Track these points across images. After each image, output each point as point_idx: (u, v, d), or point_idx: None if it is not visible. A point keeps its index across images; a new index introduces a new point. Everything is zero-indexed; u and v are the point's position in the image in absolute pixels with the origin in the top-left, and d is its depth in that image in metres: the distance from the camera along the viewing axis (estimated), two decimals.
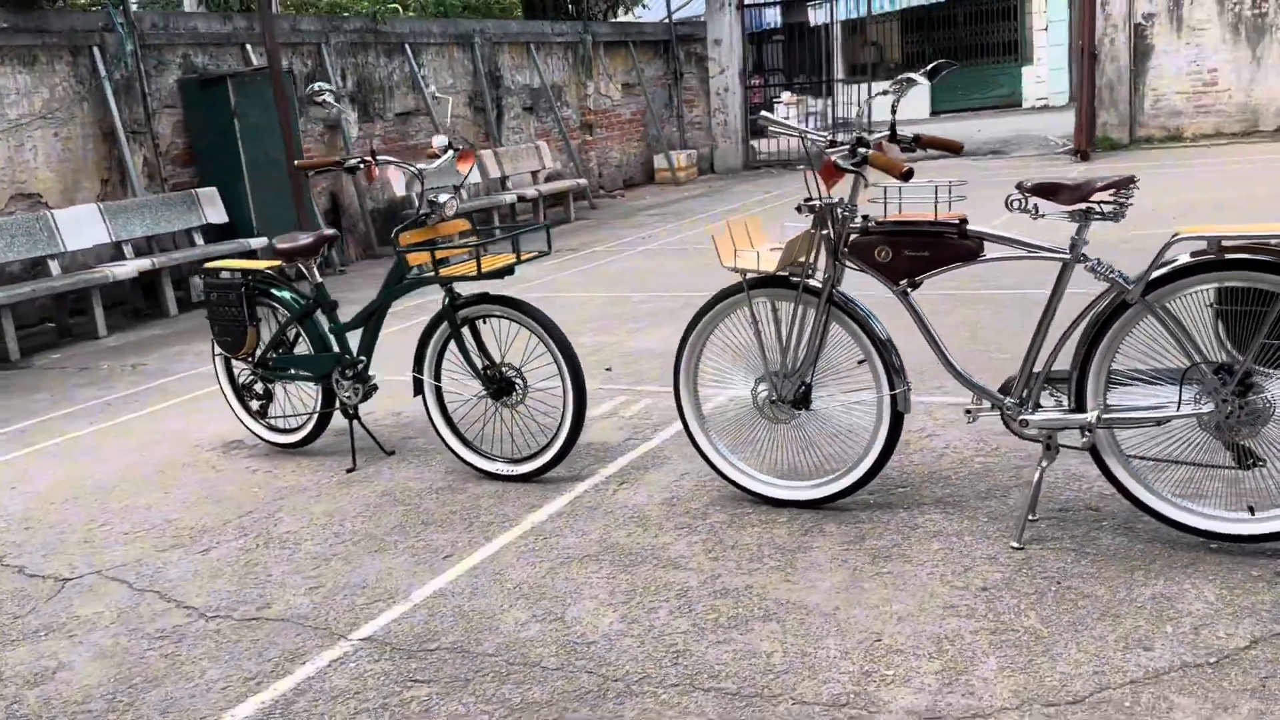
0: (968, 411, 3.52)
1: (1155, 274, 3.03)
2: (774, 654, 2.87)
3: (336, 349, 4.73)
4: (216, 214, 10.17)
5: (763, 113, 3.56)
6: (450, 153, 4.36)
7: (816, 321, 3.57)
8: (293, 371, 4.88)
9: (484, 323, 4.37)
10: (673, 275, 8.95)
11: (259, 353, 4.90)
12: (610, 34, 17.30)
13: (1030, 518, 3.46)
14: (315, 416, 4.87)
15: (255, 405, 5.03)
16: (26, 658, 3.28)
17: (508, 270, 4.17)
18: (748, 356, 3.85)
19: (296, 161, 4.62)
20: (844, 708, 2.61)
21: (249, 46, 10.95)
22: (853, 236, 3.49)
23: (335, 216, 12.03)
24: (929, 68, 3.27)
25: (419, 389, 4.46)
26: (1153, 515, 3.23)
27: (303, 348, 4.94)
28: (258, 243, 10.13)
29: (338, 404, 4.80)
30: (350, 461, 4.74)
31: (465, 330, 4.34)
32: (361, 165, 4.23)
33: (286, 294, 4.83)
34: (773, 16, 24.69)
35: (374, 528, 4.04)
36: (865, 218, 3.48)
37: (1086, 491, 3.69)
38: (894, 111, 3.29)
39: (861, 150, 3.20)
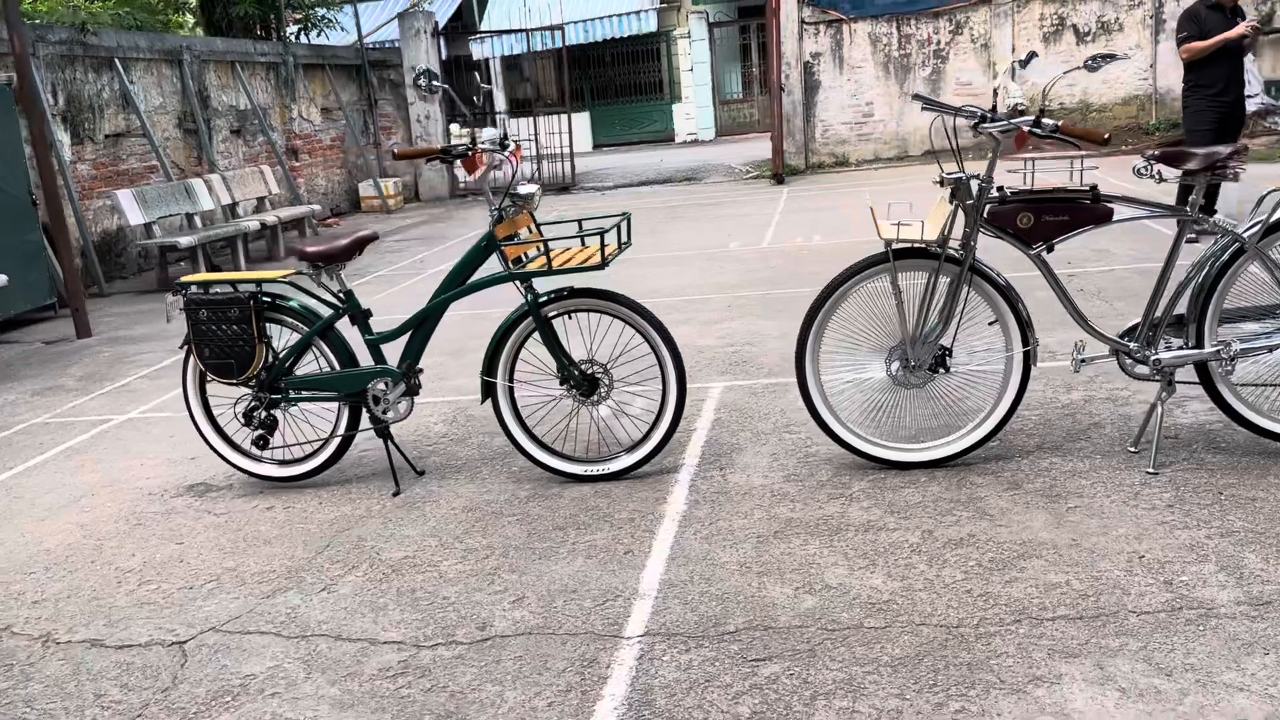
0: (1081, 360, 3.94)
1: (1272, 221, 3.62)
2: (1069, 582, 3.08)
3: (371, 362, 4.28)
4: None
5: (916, 92, 3.77)
6: (509, 146, 4.13)
7: (958, 287, 3.83)
8: (312, 392, 4.32)
9: (569, 318, 4.19)
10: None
11: (263, 375, 4.30)
12: (308, 56, 16.48)
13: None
14: (337, 441, 4.36)
15: (255, 436, 4.37)
16: None
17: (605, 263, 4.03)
18: (870, 332, 4.03)
19: (396, 150, 4.10)
20: (1179, 610, 2.88)
21: None
22: (988, 207, 3.80)
23: (52, 248, 10.45)
24: (1098, 55, 3.66)
25: (489, 393, 4.17)
26: (1253, 429, 3.82)
27: (301, 365, 4.41)
28: None
29: (366, 423, 4.33)
30: (393, 485, 4.30)
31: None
32: (467, 154, 3.89)
33: (297, 304, 4.29)
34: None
35: (504, 541, 3.74)
36: (1000, 188, 3.80)
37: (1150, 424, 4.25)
38: (1045, 96, 3.66)
39: (1047, 121, 3.53)
